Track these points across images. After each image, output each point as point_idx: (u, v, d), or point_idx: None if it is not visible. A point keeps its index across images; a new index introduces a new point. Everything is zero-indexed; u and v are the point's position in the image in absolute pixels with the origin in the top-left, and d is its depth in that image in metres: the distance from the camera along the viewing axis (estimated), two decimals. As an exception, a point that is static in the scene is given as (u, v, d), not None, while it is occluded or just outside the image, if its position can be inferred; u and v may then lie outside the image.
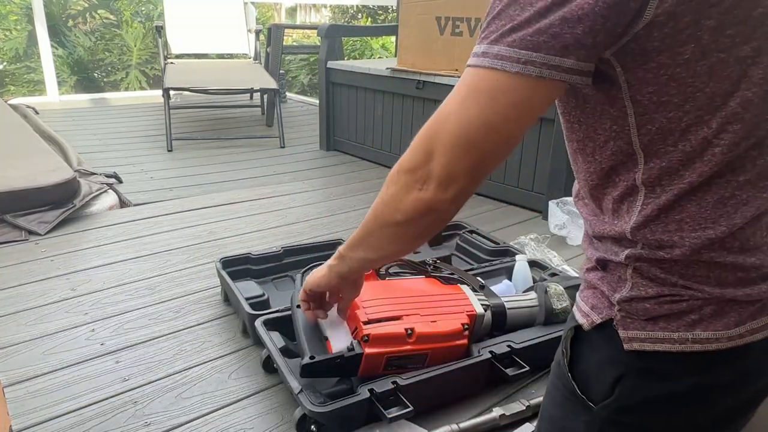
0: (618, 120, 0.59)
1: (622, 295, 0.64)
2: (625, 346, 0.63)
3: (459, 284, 1.45)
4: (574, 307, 0.71)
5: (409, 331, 1.24)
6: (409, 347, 1.24)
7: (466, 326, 1.30)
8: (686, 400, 0.62)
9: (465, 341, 1.30)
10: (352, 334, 1.25)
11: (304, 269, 1.48)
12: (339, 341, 1.24)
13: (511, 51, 0.54)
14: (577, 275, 1.76)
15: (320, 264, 1.66)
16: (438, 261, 1.63)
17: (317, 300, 1.18)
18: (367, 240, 0.80)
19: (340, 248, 0.94)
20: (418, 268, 1.53)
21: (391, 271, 1.51)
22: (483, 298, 1.42)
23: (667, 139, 0.57)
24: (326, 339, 1.26)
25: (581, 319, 0.68)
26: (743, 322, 0.60)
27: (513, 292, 1.67)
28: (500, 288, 1.68)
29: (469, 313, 1.34)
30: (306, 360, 1.17)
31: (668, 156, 0.58)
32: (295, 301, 1.34)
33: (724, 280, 0.60)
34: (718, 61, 0.53)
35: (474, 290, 1.44)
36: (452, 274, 1.53)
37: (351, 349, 1.21)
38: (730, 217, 0.58)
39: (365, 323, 1.23)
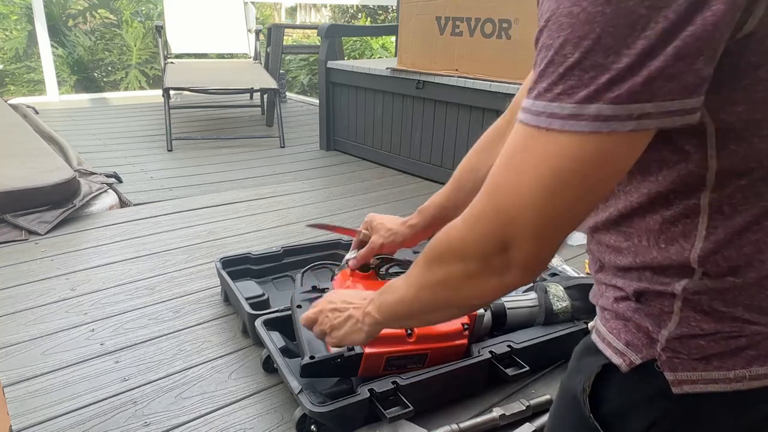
0: (691, 139, 0.49)
1: (671, 331, 0.56)
2: (674, 390, 0.55)
3: None
4: (596, 338, 0.63)
5: (409, 331, 1.24)
6: (409, 347, 1.24)
7: (466, 326, 1.30)
8: None
9: (465, 341, 1.30)
10: None
11: (304, 269, 1.48)
12: None
13: (617, 108, 0.44)
14: (576, 275, 1.76)
15: (321, 264, 1.66)
16: None
17: None
18: (422, 316, 0.72)
19: (376, 315, 0.82)
20: None
21: (391, 271, 1.51)
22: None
23: (753, 161, 0.49)
24: None
25: (616, 359, 0.59)
26: None
27: (513, 291, 1.66)
28: None
29: None
30: (306, 360, 1.17)
31: (751, 176, 0.49)
32: (295, 301, 1.34)
33: None
34: None
35: None
36: None
37: (351, 349, 1.21)
38: None
39: None
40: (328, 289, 1.39)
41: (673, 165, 0.51)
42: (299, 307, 1.32)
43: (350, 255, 1.36)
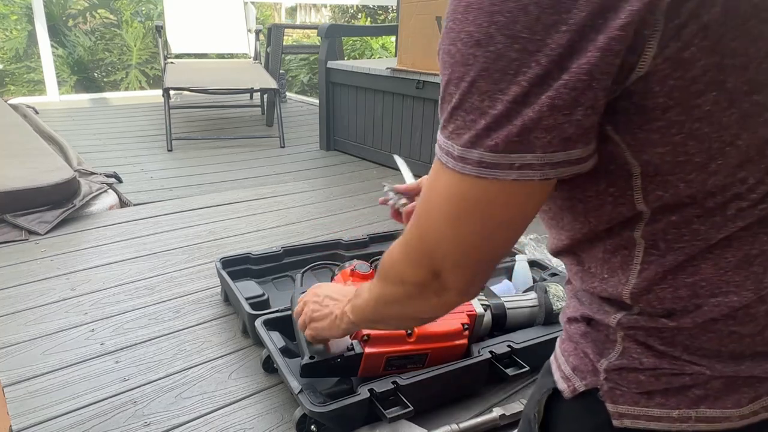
0: (618, 182, 0.48)
1: (611, 362, 0.54)
2: (615, 423, 0.53)
3: None
4: (552, 358, 0.62)
5: (409, 331, 1.24)
6: (408, 347, 1.24)
7: (466, 326, 1.30)
8: None
9: (465, 341, 1.30)
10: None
11: (304, 269, 1.48)
12: (338, 341, 1.24)
13: (497, 157, 0.43)
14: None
15: (321, 264, 1.66)
16: None
17: None
18: (384, 323, 0.75)
19: (350, 315, 0.83)
20: None
21: None
22: (483, 298, 1.42)
23: (684, 199, 0.46)
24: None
25: (561, 384, 0.58)
26: (759, 397, 0.50)
27: (513, 291, 1.67)
28: (500, 288, 1.68)
29: (469, 312, 1.34)
30: (306, 360, 1.17)
31: (681, 212, 0.47)
32: (294, 301, 1.34)
33: (740, 354, 0.50)
34: (752, 106, 0.43)
35: None
36: None
37: (351, 348, 1.21)
38: (758, 278, 0.48)
39: None
40: None
41: (600, 206, 0.50)
42: None
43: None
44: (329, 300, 0.97)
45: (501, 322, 1.42)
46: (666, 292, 0.50)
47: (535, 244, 2.09)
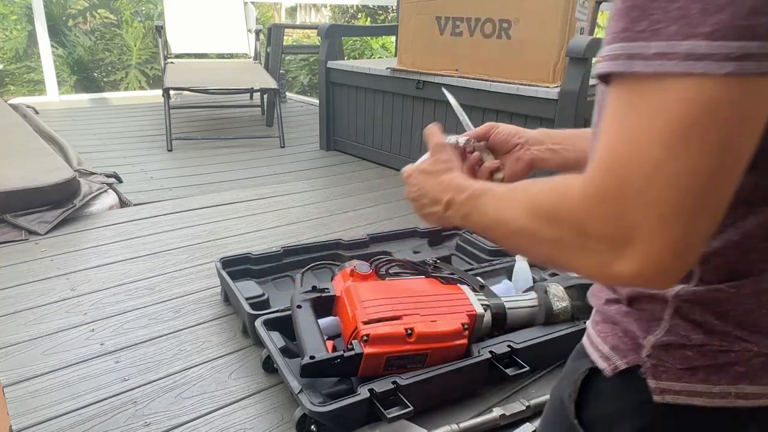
0: None
1: (657, 338, 0.53)
2: (656, 398, 0.54)
3: (459, 284, 1.46)
4: (585, 341, 0.61)
5: (409, 331, 1.24)
6: (409, 347, 1.24)
7: (466, 326, 1.30)
8: None
9: (465, 341, 1.30)
10: (351, 334, 1.25)
11: (304, 269, 1.48)
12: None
13: (715, 46, 0.37)
14: (575, 275, 1.76)
15: (320, 264, 1.66)
16: (438, 261, 1.63)
17: None
18: (510, 247, 0.59)
19: (457, 218, 0.66)
20: (419, 269, 1.53)
21: (391, 271, 1.51)
22: (483, 298, 1.42)
23: None
24: (326, 338, 1.26)
25: (601, 363, 0.58)
26: None
27: (512, 291, 1.67)
28: (500, 288, 1.68)
29: (469, 312, 1.34)
30: (306, 360, 1.17)
31: None
32: (295, 302, 1.34)
33: None
34: None
35: (474, 290, 1.44)
36: (452, 274, 1.53)
37: (350, 349, 1.21)
38: None
39: (365, 323, 1.23)
40: (327, 289, 1.39)
41: None
42: (299, 307, 1.32)
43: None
44: (426, 193, 0.73)
45: (501, 323, 1.42)
46: (737, 254, 0.48)
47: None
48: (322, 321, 1.32)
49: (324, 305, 1.36)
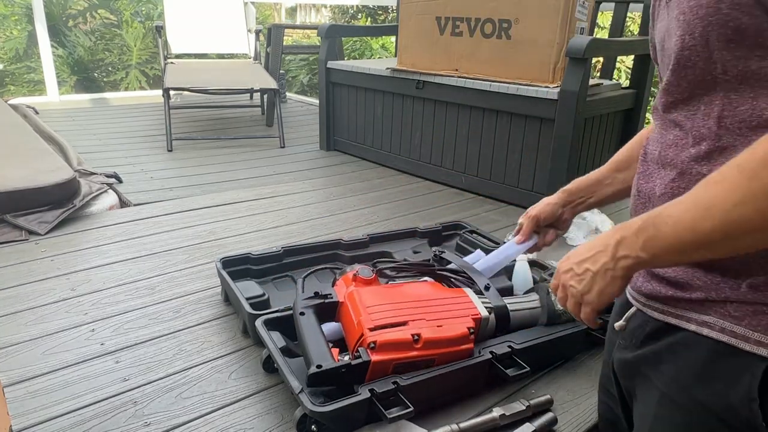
0: None
1: None
2: None
3: (462, 287, 1.45)
4: (728, 339, 0.58)
5: (416, 337, 1.23)
6: (416, 353, 1.23)
7: (472, 330, 1.29)
8: None
9: (471, 345, 1.30)
10: (357, 341, 1.24)
11: (305, 274, 1.47)
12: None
13: None
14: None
15: (322, 268, 1.65)
16: (443, 252, 1.62)
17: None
18: (724, 243, 0.54)
19: (641, 253, 0.61)
20: (423, 268, 1.52)
21: (392, 274, 1.51)
22: (486, 300, 1.42)
23: None
24: (332, 346, 1.26)
25: None
26: None
27: (481, 258, 1.62)
28: (472, 257, 1.65)
29: (474, 316, 1.33)
30: (313, 369, 1.17)
31: None
32: (297, 309, 1.32)
33: None
34: None
35: (478, 292, 1.44)
36: (456, 272, 1.52)
37: (357, 357, 1.20)
38: None
39: (371, 330, 1.22)
40: (330, 295, 1.36)
41: None
42: (302, 314, 1.31)
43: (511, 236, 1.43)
44: (584, 265, 0.72)
45: (504, 325, 1.42)
46: None
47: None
48: (324, 326, 1.31)
49: (327, 311, 1.35)
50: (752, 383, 0.55)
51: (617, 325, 0.78)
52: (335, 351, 1.27)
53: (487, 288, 1.47)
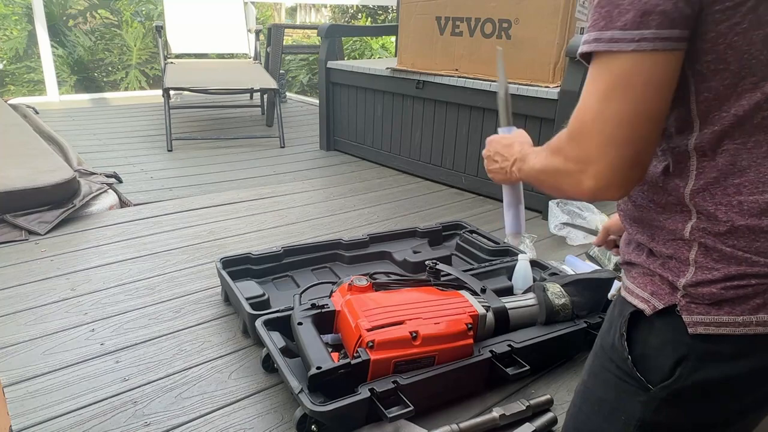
0: (679, 89, 0.63)
1: (688, 279, 0.67)
2: (690, 330, 0.66)
3: (458, 290, 1.45)
4: (624, 292, 0.75)
5: (414, 334, 1.23)
6: (415, 350, 1.23)
7: (469, 326, 1.30)
8: (741, 380, 0.67)
9: (470, 341, 1.30)
10: (355, 343, 1.24)
11: (302, 290, 1.46)
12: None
13: (624, 33, 0.59)
14: (573, 272, 1.76)
15: (319, 283, 1.64)
16: (437, 263, 1.62)
17: None
18: (541, 187, 0.80)
19: (518, 174, 0.92)
20: (418, 280, 1.52)
21: (387, 280, 1.50)
22: (483, 300, 1.42)
23: (722, 105, 0.62)
24: (331, 351, 1.26)
25: (641, 305, 0.71)
26: None
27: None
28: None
29: (471, 313, 1.34)
30: (313, 371, 1.17)
31: (721, 121, 0.63)
32: (296, 319, 1.32)
33: None
34: None
35: (475, 294, 1.44)
36: (451, 281, 1.52)
37: (356, 356, 1.20)
38: None
39: (369, 330, 1.23)
40: (327, 305, 1.36)
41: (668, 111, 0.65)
42: (300, 324, 1.31)
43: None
44: (499, 156, 1.01)
45: (504, 324, 1.42)
46: (717, 190, 0.64)
47: (530, 243, 2.09)
48: (323, 337, 1.31)
49: (325, 321, 1.35)
50: (622, 323, 0.73)
51: (610, 295, 1.01)
52: (335, 355, 1.27)
53: (483, 290, 1.47)
